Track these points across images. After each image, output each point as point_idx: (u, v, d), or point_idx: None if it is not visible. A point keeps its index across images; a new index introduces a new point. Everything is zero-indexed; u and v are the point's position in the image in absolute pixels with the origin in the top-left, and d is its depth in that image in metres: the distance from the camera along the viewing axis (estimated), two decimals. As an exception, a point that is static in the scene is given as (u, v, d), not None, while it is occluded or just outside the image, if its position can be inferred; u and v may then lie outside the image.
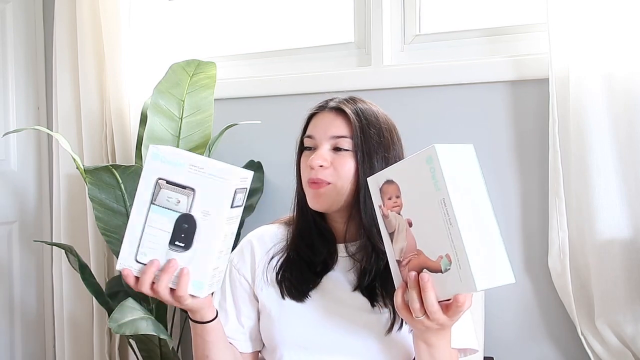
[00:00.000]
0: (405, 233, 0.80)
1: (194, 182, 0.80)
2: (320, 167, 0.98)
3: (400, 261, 0.81)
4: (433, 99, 1.55)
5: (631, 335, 1.26)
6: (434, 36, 1.62)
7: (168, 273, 0.81)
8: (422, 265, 0.79)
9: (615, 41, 1.25)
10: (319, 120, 1.03)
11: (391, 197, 0.81)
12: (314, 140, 1.01)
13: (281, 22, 1.88)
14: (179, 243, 0.81)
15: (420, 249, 0.79)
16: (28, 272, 2.10)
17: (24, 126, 2.05)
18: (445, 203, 0.74)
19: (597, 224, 1.26)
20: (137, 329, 1.32)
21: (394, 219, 0.81)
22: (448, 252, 0.75)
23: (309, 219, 1.04)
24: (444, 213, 0.74)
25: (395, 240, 0.81)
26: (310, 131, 1.03)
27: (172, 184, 0.80)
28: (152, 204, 0.81)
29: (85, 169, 1.36)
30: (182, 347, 1.86)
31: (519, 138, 1.46)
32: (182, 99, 1.59)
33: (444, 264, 0.76)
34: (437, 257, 0.77)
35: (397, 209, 0.80)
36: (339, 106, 1.03)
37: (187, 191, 0.80)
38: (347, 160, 0.99)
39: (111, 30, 1.79)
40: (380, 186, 0.83)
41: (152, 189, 0.81)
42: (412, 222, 0.79)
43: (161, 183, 0.81)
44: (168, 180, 0.80)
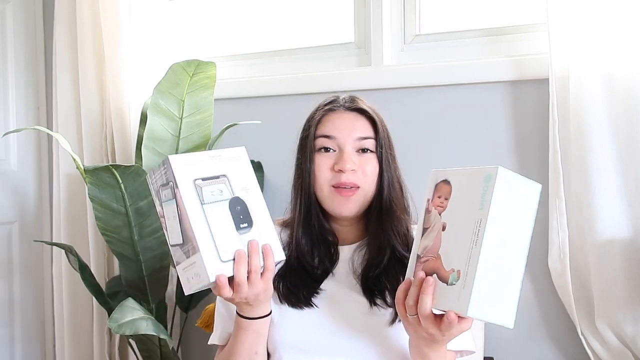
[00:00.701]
0: (436, 234, 0.81)
1: (221, 169, 0.86)
2: (351, 170, 0.97)
3: (420, 257, 0.82)
4: (433, 99, 1.55)
5: (631, 335, 1.26)
6: (434, 36, 1.62)
7: (257, 253, 0.83)
8: (434, 269, 0.79)
9: (615, 41, 1.25)
10: (337, 120, 1.01)
11: (441, 196, 0.82)
12: (335, 141, 1.00)
13: (281, 22, 1.88)
14: (243, 224, 0.84)
15: (440, 254, 0.79)
16: (28, 272, 2.10)
17: (24, 126, 2.05)
18: (481, 224, 0.74)
19: (597, 224, 1.26)
20: (137, 329, 1.32)
21: (434, 218, 0.82)
22: (460, 269, 0.75)
23: (314, 221, 1.03)
24: (475, 232, 0.75)
25: (425, 236, 0.82)
26: (329, 131, 1.00)
27: (207, 179, 0.84)
28: (203, 204, 0.83)
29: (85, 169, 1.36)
30: (182, 347, 1.86)
31: (519, 138, 1.46)
32: (182, 99, 1.59)
33: (452, 277, 0.76)
34: (450, 268, 0.77)
35: (441, 210, 0.81)
36: (359, 106, 1.02)
37: (222, 179, 0.86)
38: (372, 162, 0.99)
39: (111, 30, 1.79)
40: (437, 182, 0.84)
41: (194, 191, 0.83)
42: (446, 226, 0.80)
43: (198, 183, 0.83)
44: (203, 177, 0.84)
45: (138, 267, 1.55)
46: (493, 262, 0.75)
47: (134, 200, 1.44)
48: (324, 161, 1.00)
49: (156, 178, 0.87)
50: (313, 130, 1.02)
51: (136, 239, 1.50)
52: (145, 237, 1.51)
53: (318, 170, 1.00)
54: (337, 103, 1.04)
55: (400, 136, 1.10)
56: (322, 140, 1.01)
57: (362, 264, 1.02)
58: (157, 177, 0.87)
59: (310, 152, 1.01)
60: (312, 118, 1.04)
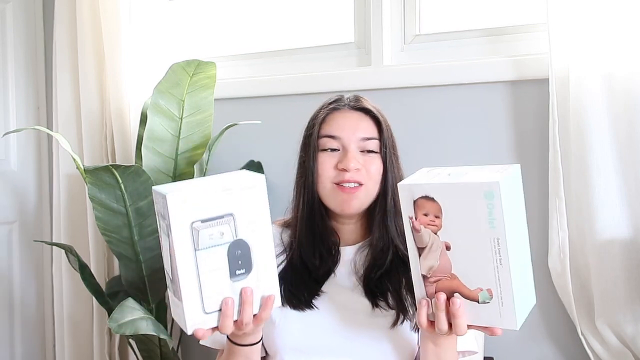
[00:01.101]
0: (439, 253, 0.77)
1: (229, 206, 0.74)
2: (355, 170, 0.97)
3: (427, 277, 0.79)
4: (433, 99, 1.55)
5: (631, 335, 1.26)
6: (434, 36, 1.62)
7: (249, 304, 0.76)
8: (454, 289, 0.78)
9: (615, 41, 1.25)
10: (341, 120, 1.01)
11: (428, 214, 0.77)
12: (339, 141, 1.00)
13: (281, 22, 1.88)
14: (240, 270, 0.76)
15: (455, 273, 0.77)
16: (28, 272, 2.10)
17: (24, 126, 2.05)
18: (500, 243, 0.72)
19: (597, 224, 1.26)
20: (137, 329, 1.32)
21: (427, 236, 0.78)
22: (490, 287, 0.75)
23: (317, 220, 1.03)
24: (496, 252, 0.73)
25: (425, 257, 0.79)
26: (333, 131, 1.00)
27: (209, 220, 0.73)
28: (197, 251, 0.73)
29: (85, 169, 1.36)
30: (182, 347, 1.86)
31: (519, 138, 1.46)
32: (182, 99, 1.59)
33: (482, 296, 0.76)
34: (476, 287, 0.76)
35: (434, 229, 0.77)
36: (363, 106, 1.02)
37: (226, 218, 0.74)
38: (376, 162, 1.00)
39: (111, 30, 1.79)
40: (415, 198, 0.78)
41: (189, 237, 0.72)
42: (450, 246, 0.77)
43: (196, 226, 0.73)
44: (203, 219, 0.73)
45: (138, 267, 1.55)
46: (519, 271, 0.75)
47: (134, 200, 1.44)
48: (327, 160, 1.00)
49: (157, 201, 0.76)
50: (317, 129, 1.02)
51: (136, 239, 1.50)
52: (145, 237, 1.51)
53: (321, 169, 1.00)
54: (342, 102, 1.04)
55: (401, 136, 1.10)
56: (326, 140, 1.01)
57: (364, 265, 1.01)
58: (158, 201, 0.76)
59: (314, 151, 1.01)
60: (317, 117, 1.04)
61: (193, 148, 1.65)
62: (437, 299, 0.78)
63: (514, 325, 0.75)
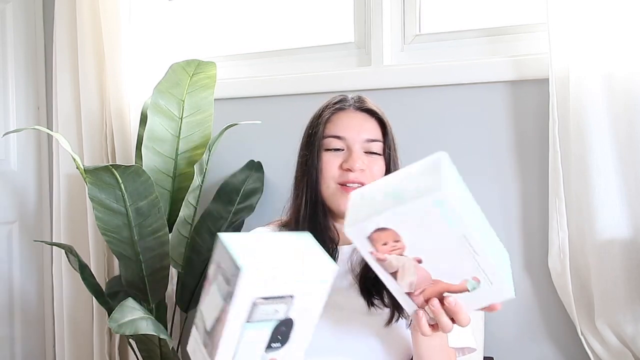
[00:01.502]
0: (413, 269, 0.77)
1: (293, 290, 0.73)
2: (360, 170, 0.97)
3: (412, 292, 0.79)
4: (433, 99, 1.55)
5: (631, 335, 1.26)
6: (434, 36, 1.62)
7: None
8: (442, 291, 0.78)
9: (615, 41, 1.25)
10: (346, 120, 1.01)
11: (387, 243, 0.75)
12: (344, 141, 1.00)
13: (281, 22, 1.88)
14: (276, 344, 0.77)
15: (437, 278, 0.77)
16: (28, 272, 2.10)
17: (24, 126, 2.05)
18: (467, 237, 0.73)
19: (597, 224, 1.26)
20: (137, 329, 1.32)
21: (395, 261, 0.77)
22: (475, 275, 0.75)
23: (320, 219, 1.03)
24: (467, 246, 0.73)
25: (401, 277, 0.78)
26: (339, 131, 1.01)
27: (270, 298, 0.73)
28: (246, 322, 0.73)
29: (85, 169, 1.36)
30: (182, 347, 1.86)
31: (519, 138, 1.46)
32: (182, 99, 1.59)
33: (470, 285, 0.76)
34: (461, 280, 0.76)
35: (399, 252, 0.76)
36: (368, 107, 1.02)
37: (286, 299, 0.73)
38: (379, 163, 1.00)
39: (111, 30, 1.79)
40: (368, 235, 0.75)
41: (247, 310, 0.72)
42: (422, 259, 0.76)
43: (257, 302, 0.72)
44: (266, 297, 0.72)
45: (138, 267, 1.55)
46: (492, 247, 0.76)
47: (134, 200, 1.44)
48: (332, 160, 1.00)
49: (223, 258, 0.73)
50: (322, 128, 1.02)
51: (136, 239, 1.50)
52: (145, 237, 1.51)
53: (326, 168, 1.00)
54: (347, 102, 1.04)
55: (400, 136, 1.10)
56: (330, 140, 1.01)
57: (360, 264, 1.02)
58: (224, 259, 0.73)
59: (318, 150, 1.01)
60: (321, 116, 1.04)
61: (193, 148, 1.65)
62: (432, 305, 0.78)
63: (509, 294, 0.76)
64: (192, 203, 1.62)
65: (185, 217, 1.63)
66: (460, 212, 0.71)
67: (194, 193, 1.61)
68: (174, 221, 1.65)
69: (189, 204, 1.61)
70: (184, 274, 1.70)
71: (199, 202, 1.65)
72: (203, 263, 1.71)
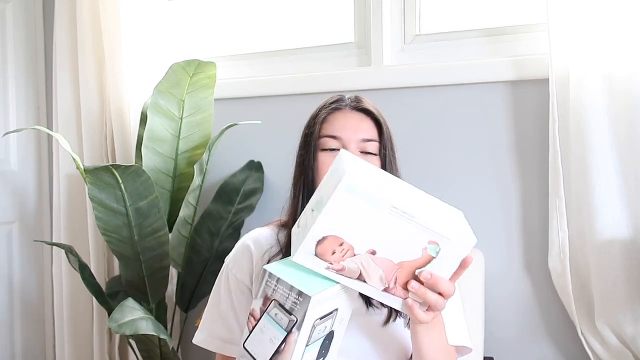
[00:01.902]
0: (374, 263, 0.77)
1: (337, 302, 0.79)
2: None
3: (387, 287, 0.79)
4: (433, 99, 1.55)
5: (631, 335, 1.26)
6: (434, 36, 1.62)
7: None
8: (411, 271, 0.78)
9: (615, 41, 1.25)
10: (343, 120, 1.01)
11: (334, 251, 0.76)
12: (340, 141, 1.00)
13: (281, 22, 1.88)
14: (321, 358, 0.80)
15: (399, 261, 0.77)
16: (28, 272, 2.10)
17: (24, 126, 2.05)
18: (396, 206, 0.73)
19: (597, 224, 1.26)
20: (137, 329, 1.32)
21: (352, 264, 0.77)
22: (429, 239, 0.75)
23: None
24: (402, 214, 0.73)
25: (368, 276, 0.78)
26: (334, 131, 1.00)
27: (323, 317, 0.77)
28: (307, 345, 0.76)
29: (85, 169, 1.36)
30: (182, 347, 1.86)
31: (519, 138, 1.46)
32: (182, 99, 1.59)
33: (432, 250, 0.76)
34: (421, 251, 0.76)
35: (350, 254, 0.76)
36: (365, 107, 1.02)
37: (333, 314, 0.78)
38: (375, 164, 1.00)
39: (111, 30, 1.79)
40: (314, 252, 0.76)
41: (309, 334, 0.75)
42: (374, 250, 0.76)
43: (316, 323, 0.75)
44: (321, 316, 0.76)
45: (138, 267, 1.55)
46: (431, 205, 0.77)
47: (134, 200, 1.44)
48: (327, 159, 1.00)
49: (277, 287, 0.75)
50: (318, 128, 1.01)
51: (136, 239, 1.50)
52: (145, 237, 1.51)
53: (322, 168, 1.00)
54: (343, 102, 1.04)
55: (400, 136, 1.09)
56: (326, 140, 1.01)
57: None
58: (279, 289, 0.75)
59: (314, 150, 1.01)
60: (317, 116, 1.03)
61: (193, 148, 1.65)
62: (412, 288, 0.78)
63: (472, 240, 0.76)
64: (192, 203, 1.62)
65: (185, 217, 1.63)
66: (373, 186, 0.72)
67: (194, 193, 1.61)
68: (174, 221, 1.65)
69: (189, 204, 1.61)
70: (184, 274, 1.70)
71: (199, 202, 1.65)
72: (203, 263, 1.71)
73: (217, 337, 1.04)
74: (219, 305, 1.05)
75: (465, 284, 1.35)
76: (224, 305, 1.05)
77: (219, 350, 1.05)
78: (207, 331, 1.06)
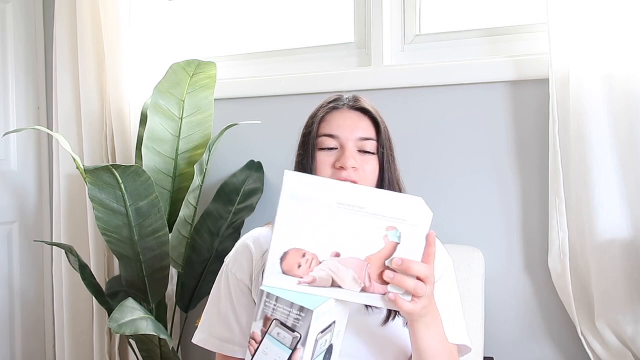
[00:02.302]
0: (342, 265, 0.77)
1: (335, 314, 0.79)
2: (352, 168, 0.98)
3: (364, 286, 0.78)
4: (433, 99, 1.55)
5: (631, 335, 1.26)
6: (434, 36, 1.62)
7: None
8: (380, 263, 0.77)
9: (615, 41, 1.25)
10: (340, 119, 1.01)
11: (300, 264, 0.76)
12: (337, 140, 1.00)
13: (281, 22, 1.88)
14: None
15: (365, 257, 0.77)
16: (28, 272, 2.10)
17: (24, 126, 2.05)
18: (342, 202, 0.74)
19: (597, 224, 1.26)
20: (137, 328, 1.32)
21: (321, 272, 0.77)
22: (386, 226, 0.75)
23: None
24: (350, 209, 0.74)
25: (342, 281, 0.77)
26: (332, 130, 1.00)
27: (324, 330, 0.77)
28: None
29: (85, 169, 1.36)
30: (182, 347, 1.86)
31: (519, 138, 1.46)
32: (182, 98, 1.59)
33: (393, 236, 0.76)
34: (383, 240, 0.76)
35: (315, 262, 0.77)
36: (362, 106, 1.02)
37: (331, 326, 0.78)
38: (372, 162, 1.00)
39: (111, 30, 1.79)
40: (280, 270, 0.77)
41: (312, 349, 0.75)
42: (338, 252, 0.76)
43: (318, 337, 0.76)
44: (322, 330, 0.76)
45: (138, 267, 1.55)
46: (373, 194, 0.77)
47: (134, 200, 1.44)
48: (325, 159, 1.00)
49: (277, 306, 0.76)
50: (316, 127, 1.02)
51: (136, 239, 1.50)
52: (145, 237, 1.51)
53: (319, 167, 1.00)
54: (341, 101, 1.04)
55: (401, 136, 1.09)
56: (324, 139, 1.01)
57: None
58: (279, 307, 0.76)
59: (312, 149, 1.01)
60: (315, 115, 1.04)
61: (193, 148, 1.65)
62: (387, 278, 0.78)
63: (428, 212, 0.76)
64: (192, 203, 1.62)
65: (185, 217, 1.63)
66: (312, 187, 0.73)
67: (194, 193, 1.61)
68: (174, 221, 1.65)
69: (189, 204, 1.61)
70: (184, 274, 1.71)
71: (199, 202, 1.65)
72: (203, 263, 1.71)
73: (216, 336, 1.04)
74: (219, 305, 1.06)
75: (465, 284, 1.36)
76: (224, 305, 1.05)
77: (218, 349, 1.05)
78: (207, 331, 1.06)
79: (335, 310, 0.78)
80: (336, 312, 0.79)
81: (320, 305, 0.74)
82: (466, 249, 1.42)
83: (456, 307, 1.04)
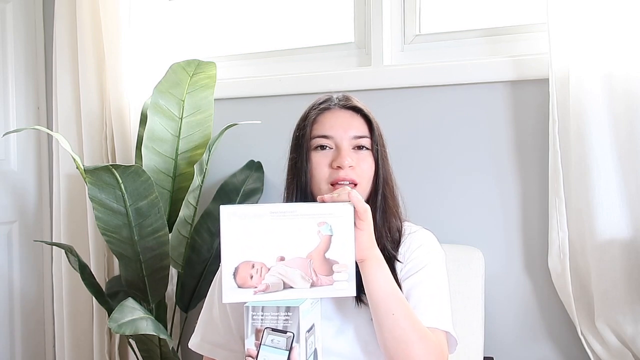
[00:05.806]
0: (289, 268, 0.83)
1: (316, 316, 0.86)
2: (349, 167, 0.98)
3: (313, 281, 0.84)
4: (433, 99, 1.55)
5: (631, 335, 1.26)
6: (434, 36, 1.62)
7: None
8: (321, 256, 0.84)
9: (615, 41, 1.25)
10: (333, 119, 1.01)
11: (252, 275, 0.82)
12: (332, 140, 1.00)
13: (281, 22, 1.88)
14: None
15: (307, 254, 0.83)
16: (28, 272, 2.10)
17: (24, 126, 2.05)
18: (274, 211, 0.82)
19: (597, 224, 1.26)
20: (137, 329, 1.32)
21: (272, 277, 0.83)
22: (318, 222, 0.83)
23: None
24: (283, 215, 0.82)
25: (292, 282, 0.83)
26: (326, 131, 1.01)
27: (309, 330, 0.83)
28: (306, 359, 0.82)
29: (85, 169, 1.36)
30: (182, 347, 1.86)
31: (519, 138, 1.46)
32: (182, 99, 1.59)
33: (326, 230, 0.83)
34: (318, 236, 0.83)
35: (265, 270, 0.82)
36: (354, 105, 1.03)
37: (312, 329, 0.84)
38: (368, 160, 1.00)
39: (111, 30, 1.79)
40: (236, 285, 0.83)
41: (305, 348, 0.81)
42: (282, 256, 0.83)
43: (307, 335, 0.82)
44: (308, 329, 0.82)
45: (138, 267, 1.55)
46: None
47: (134, 200, 1.44)
48: (321, 159, 1.00)
49: (265, 315, 0.81)
50: (309, 129, 1.02)
51: (136, 239, 1.50)
52: (145, 237, 1.51)
53: (316, 169, 1.00)
54: (332, 101, 1.05)
55: (400, 136, 1.10)
56: (318, 140, 1.01)
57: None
58: (267, 316, 0.81)
59: (306, 152, 1.01)
60: (307, 117, 1.04)
61: (193, 148, 1.65)
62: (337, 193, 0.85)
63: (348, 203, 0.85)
64: (192, 203, 1.62)
65: (185, 217, 1.63)
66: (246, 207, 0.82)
67: (194, 193, 1.61)
68: (174, 221, 1.65)
69: (189, 204, 1.61)
70: (184, 274, 1.71)
71: (199, 202, 1.65)
72: (203, 263, 1.71)
73: (209, 341, 1.06)
74: (212, 310, 1.07)
75: (465, 284, 1.36)
76: (217, 310, 1.06)
77: (210, 354, 1.06)
78: (200, 335, 1.07)
79: (313, 312, 0.84)
80: (314, 315, 0.85)
81: (302, 303, 0.81)
82: (466, 249, 1.42)
83: (442, 295, 1.01)
